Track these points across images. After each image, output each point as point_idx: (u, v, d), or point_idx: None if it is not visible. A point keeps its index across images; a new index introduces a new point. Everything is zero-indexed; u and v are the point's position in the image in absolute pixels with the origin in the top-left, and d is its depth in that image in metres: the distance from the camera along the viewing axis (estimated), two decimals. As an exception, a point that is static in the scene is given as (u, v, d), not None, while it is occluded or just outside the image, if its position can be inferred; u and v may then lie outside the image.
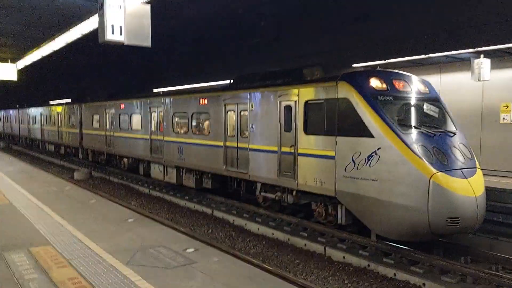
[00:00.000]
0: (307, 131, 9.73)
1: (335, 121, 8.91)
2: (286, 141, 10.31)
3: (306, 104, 9.72)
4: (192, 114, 14.10)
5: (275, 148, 10.62)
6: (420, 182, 7.54)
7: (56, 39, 11.68)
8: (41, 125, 32.01)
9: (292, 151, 10.06)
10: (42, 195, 11.02)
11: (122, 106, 19.28)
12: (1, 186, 11.91)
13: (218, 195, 14.52)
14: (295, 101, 10.02)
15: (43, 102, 35.43)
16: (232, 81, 13.52)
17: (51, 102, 33.40)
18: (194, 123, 14.25)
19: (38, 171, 15.51)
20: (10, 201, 10.15)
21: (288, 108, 10.30)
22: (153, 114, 16.81)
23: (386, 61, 12.41)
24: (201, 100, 13.65)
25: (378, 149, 8.09)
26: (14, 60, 12.67)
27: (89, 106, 23.14)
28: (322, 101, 9.26)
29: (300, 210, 11.62)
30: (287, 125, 10.31)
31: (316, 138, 9.42)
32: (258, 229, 11.41)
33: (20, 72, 18.39)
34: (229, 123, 12.51)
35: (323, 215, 9.84)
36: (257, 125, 11.27)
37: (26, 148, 37.30)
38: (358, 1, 11.23)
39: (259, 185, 11.59)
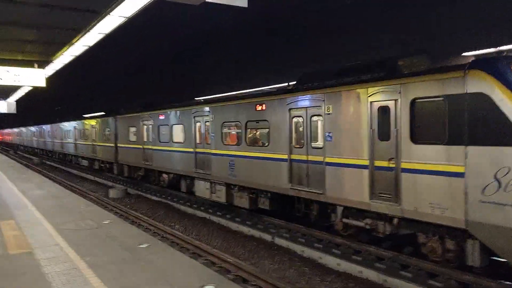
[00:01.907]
0: (415, 139, 7.34)
1: (463, 125, 6.50)
2: (381, 152, 7.95)
3: (414, 103, 7.35)
4: (246, 122, 11.95)
5: (365, 162, 8.26)
6: None
7: (85, 38, 9.82)
8: (74, 139, 30.78)
9: (393, 166, 7.68)
10: (75, 236, 8.32)
11: (161, 116, 17.41)
12: (23, 220, 9.69)
13: (277, 218, 12.27)
14: (395, 100, 7.68)
15: (76, 115, 34.36)
16: (294, 82, 11.33)
17: (85, 116, 32.20)
18: (248, 133, 12.10)
19: (70, 196, 13.34)
20: (32, 248, 7.45)
21: (383, 110, 7.96)
22: (198, 124, 14.79)
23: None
24: (257, 106, 11.48)
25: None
26: (42, 65, 10.87)
27: (125, 118, 21.47)
28: (441, 98, 6.88)
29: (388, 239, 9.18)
30: (383, 132, 7.96)
31: (432, 149, 7.01)
32: (339, 264, 9.03)
33: (50, 81, 16.80)
34: (295, 131, 10.27)
35: (439, 252, 7.37)
36: (336, 132, 8.97)
37: (59, 163, 36.26)
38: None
39: (339, 209, 9.23)
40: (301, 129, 10.12)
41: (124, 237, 8.36)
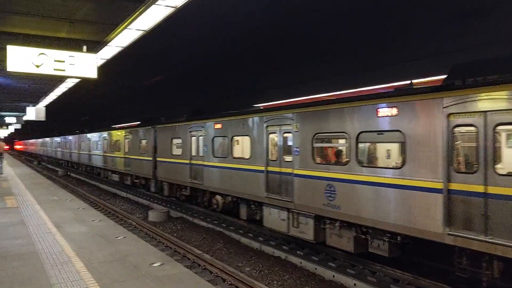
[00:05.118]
0: None
1: None
2: None
3: None
4: (359, 134, 8.68)
5: None
6: None
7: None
8: (103, 151, 28.02)
9: None
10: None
11: (217, 126, 14.31)
12: (50, 261, 6.97)
13: (394, 266, 8.92)
14: None
15: (104, 125, 31.74)
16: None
17: (115, 126, 29.52)
18: (362, 149, 8.82)
19: (124, 233, 9.94)
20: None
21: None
22: (273, 135, 11.63)
23: None
24: (380, 111, 8.23)
25: None
26: (92, 48, 7.85)
27: (167, 128, 18.47)
28: None
29: None
30: None
31: None
32: None
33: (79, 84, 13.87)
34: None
35: None
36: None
37: (85, 176, 33.59)
38: None
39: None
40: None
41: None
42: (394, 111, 7.81)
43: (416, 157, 7.40)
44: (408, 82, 9.02)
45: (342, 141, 9.42)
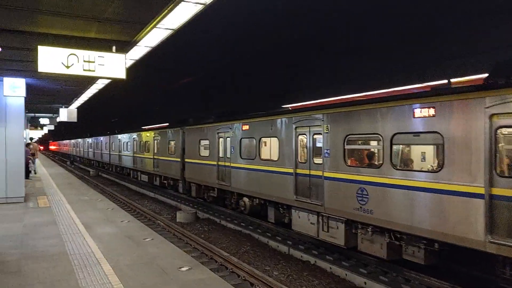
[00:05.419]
0: None
1: None
2: None
3: None
4: (393, 136, 8.31)
5: None
6: None
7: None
8: (133, 152, 28.41)
9: None
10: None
11: (245, 127, 14.17)
12: (80, 263, 6.94)
13: (428, 273, 8.51)
14: None
15: (133, 127, 32.20)
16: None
17: (144, 127, 29.89)
18: (395, 151, 8.45)
19: (152, 236, 9.85)
20: None
21: None
22: (302, 137, 11.37)
23: None
24: (417, 111, 7.85)
25: None
26: (121, 49, 7.82)
27: (194, 130, 18.49)
28: None
29: None
30: None
31: None
32: None
33: (110, 85, 13.99)
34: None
35: None
36: None
37: (115, 176, 34.20)
38: None
39: None
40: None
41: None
42: (431, 111, 7.42)
43: (455, 160, 7.00)
44: (445, 81, 8.60)
45: (375, 143, 9.06)
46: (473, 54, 10.52)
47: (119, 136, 32.41)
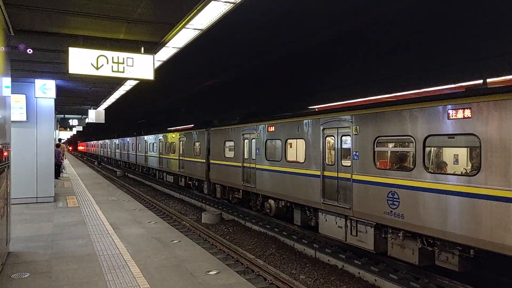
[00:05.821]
0: None
1: None
2: None
3: None
4: (426, 137, 8.02)
5: None
6: None
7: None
8: (159, 153, 28.72)
9: None
10: None
11: (270, 128, 14.05)
12: (108, 264, 6.98)
13: (457, 279, 8.17)
14: None
15: (161, 128, 32.54)
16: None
17: (170, 128, 30.16)
18: (428, 153, 8.15)
19: (179, 238, 9.75)
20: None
21: None
22: (329, 139, 11.17)
23: None
24: (453, 113, 7.54)
25: None
26: (149, 50, 7.83)
27: (219, 131, 18.50)
28: None
29: None
30: None
31: None
32: None
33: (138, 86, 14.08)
34: None
35: None
36: None
37: (142, 177, 34.67)
38: None
39: None
40: None
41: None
42: (467, 112, 7.11)
43: (494, 164, 6.67)
44: (481, 81, 8.24)
45: (406, 145, 8.78)
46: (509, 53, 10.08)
47: (145, 137, 32.84)
